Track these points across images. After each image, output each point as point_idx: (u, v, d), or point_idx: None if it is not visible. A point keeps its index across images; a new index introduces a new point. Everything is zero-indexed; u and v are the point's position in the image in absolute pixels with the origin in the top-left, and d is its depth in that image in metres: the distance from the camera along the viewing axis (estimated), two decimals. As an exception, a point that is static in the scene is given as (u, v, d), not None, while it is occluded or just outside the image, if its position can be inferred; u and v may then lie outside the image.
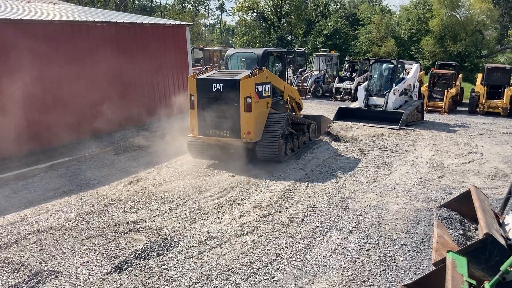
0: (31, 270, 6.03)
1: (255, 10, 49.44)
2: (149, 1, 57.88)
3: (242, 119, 10.51)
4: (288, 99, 12.83)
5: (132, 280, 5.79)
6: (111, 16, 16.42)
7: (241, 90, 10.41)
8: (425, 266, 6.13)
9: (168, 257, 6.40)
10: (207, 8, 64.21)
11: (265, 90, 11.00)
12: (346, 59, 29.71)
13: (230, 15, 74.34)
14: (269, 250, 6.60)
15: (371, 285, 5.71)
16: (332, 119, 17.20)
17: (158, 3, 61.41)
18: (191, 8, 59.79)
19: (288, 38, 49.81)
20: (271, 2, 48.80)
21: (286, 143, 11.60)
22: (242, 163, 10.97)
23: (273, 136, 10.91)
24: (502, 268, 4.13)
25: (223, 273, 5.93)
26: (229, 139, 10.74)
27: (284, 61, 13.09)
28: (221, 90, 10.55)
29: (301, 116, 13.77)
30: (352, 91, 23.61)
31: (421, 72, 23.60)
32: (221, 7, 62.08)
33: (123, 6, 49.54)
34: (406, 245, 6.76)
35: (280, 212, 8.08)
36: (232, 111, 10.55)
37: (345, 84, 24.64)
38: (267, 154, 10.91)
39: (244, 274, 5.91)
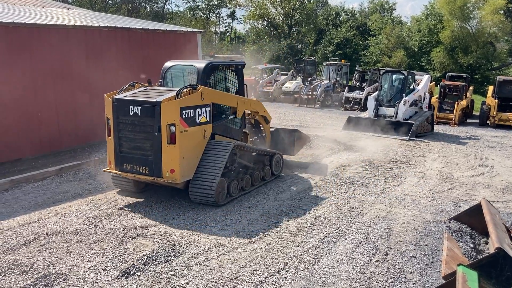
0: (39, 272, 6.05)
1: (266, 19, 49.74)
2: (160, 8, 58.42)
3: (164, 153, 8.21)
4: (250, 115, 10.79)
5: (139, 286, 5.79)
6: (123, 22, 16.57)
7: (163, 116, 8.10)
8: (434, 279, 6.06)
9: (176, 263, 6.39)
10: (218, 15, 64.51)
11: (200, 115, 8.66)
12: (356, 68, 29.72)
13: (241, 23, 74.50)
14: (277, 259, 6.57)
15: (380, 297, 5.67)
16: (341, 128, 17.23)
17: (170, 10, 62.03)
18: (203, 15, 60.20)
19: (298, 46, 50.01)
20: (282, 11, 49.06)
21: (232, 181, 9.14)
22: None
23: (209, 173, 8.54)
24: (514, 283, 4.09)
25: (230, 281, 5.91)
26: (148, 178, 8.50)
27: (242, 75, 10.30)
28: (139, 114, 8.31)
29: (272, 129, 11.63)
30: (362, 101, 23.57)
31: (432, 84, 23.52)
32: (232, 15, 62.35)
33: (135, 12, 50.07)
34: (415, 257, 6.70)
35: (288, 220, 8.06)
36: (152, 143, 8.30)
37: (355, 94, 24.62)
38: (200, 197, 8.56)
39: (252, 283, 5.88)
